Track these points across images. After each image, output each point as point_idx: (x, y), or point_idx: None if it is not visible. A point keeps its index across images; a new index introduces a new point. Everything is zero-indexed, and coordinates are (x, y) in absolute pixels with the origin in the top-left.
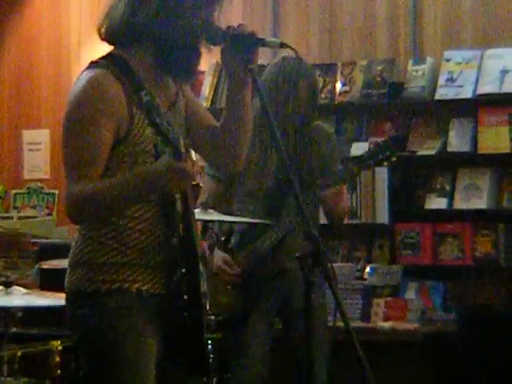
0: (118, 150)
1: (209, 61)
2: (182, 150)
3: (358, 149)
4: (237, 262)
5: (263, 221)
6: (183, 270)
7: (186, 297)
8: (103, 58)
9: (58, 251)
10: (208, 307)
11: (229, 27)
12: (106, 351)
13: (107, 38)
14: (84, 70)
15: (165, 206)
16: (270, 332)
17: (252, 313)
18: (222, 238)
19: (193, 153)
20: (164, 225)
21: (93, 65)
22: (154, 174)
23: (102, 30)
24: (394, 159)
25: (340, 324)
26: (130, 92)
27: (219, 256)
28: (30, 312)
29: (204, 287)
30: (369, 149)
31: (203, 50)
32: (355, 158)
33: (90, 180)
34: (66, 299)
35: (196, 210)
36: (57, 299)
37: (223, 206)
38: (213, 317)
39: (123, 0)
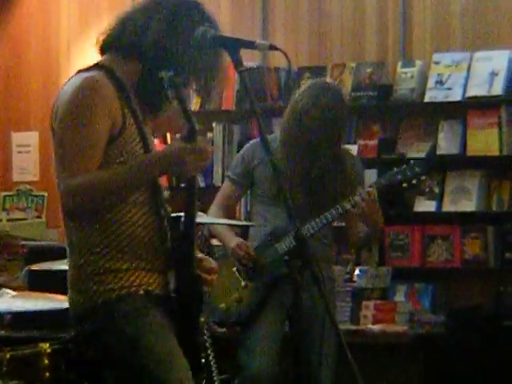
0: (110, 149)
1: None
2: (197, 129)
3: None
4: (257, 263)
5: (250, 223)
6: (179, 270)
7: (178, 297)
8: (92, 66)
9: (48, 253)
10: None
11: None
12: (127, 359)
13: (106, 48)
14: (73, 76)
15: (157, 210)
16: (280, 330)
17: (263, 310)
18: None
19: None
20: (159, 228)
21: (83, 70)
22: (166, 156)
23: (105, 41)
24: (423, 178)
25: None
26: (120, 95)
27: (234, 238)
28: (19, 314)
29: (200, 288)
30: (401, 166)
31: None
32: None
33: (88, 173)
34: (75, 319)
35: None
36: (46, 301)
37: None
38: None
39: (135, 18)
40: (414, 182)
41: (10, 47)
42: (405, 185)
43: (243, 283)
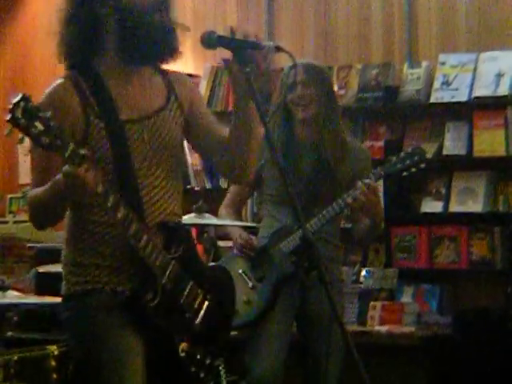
0: None
1: (204, 65)
2: (79, 153)
3: None
4: (262, 259)
5: (255, 224)
6: (158, 281)
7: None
8: (73, 66)
9: (54, 255)
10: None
11: (222, 36)
12: (88, 349)
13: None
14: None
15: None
16: (288, 332)
17: (271, 311)
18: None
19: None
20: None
21: (62, 76)
22: (57, 181)
23: (62, 57)
24: (423, 165)
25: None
26: (90, 100)
27: (239, 231)
28: (26, 316)
29: (186, 299)
30: (398, 154)
31: (197, 54)
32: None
33: (40, 185)
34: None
35: (191, 215)
36: (52, 303)
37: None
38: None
39: (68, 22)
40: (413, 170)
41: (15, 52)
42: (405, 173)
43: (250, 284)
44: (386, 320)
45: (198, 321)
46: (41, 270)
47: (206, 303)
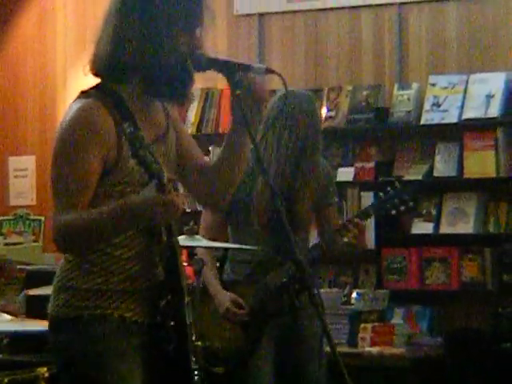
0: (107, 180)
1: (194, 87)
2: (165, 182)
3: (344, 174)
4: (246, 295)
5: (252, 247)
6: (168, 300)
7: (170, 327)
8: (93, 88)
9: (45, 278)
10: (194, 337)
11: (211, 59)
12: (88, 377)
13: (95, 74)
14: (74, 100)
15: (151, 235)
16: (274, 369)
17: (258, 349)
18: (217, 264)
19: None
20: (149, 254)
21: (83, 95)
22: (140, 206)
23: (90, 67)
24: (411, 204)
25: (327, 349)
26: (120, 122)
27: (227, 296)
28: (17, 338)
29: (190, 318)
30: (387, 191)
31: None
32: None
33: (77, 209)
34: (49, 325)
35: (182, 237)
36: (43, 326)
37: (221, 238)
38: (199, 343)
39: (106, 36)
40: (402, 208)
41: (6, 71)
42: (393, 212)
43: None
44: (376, 341)
45: (196, 342)
46: (31, 292)
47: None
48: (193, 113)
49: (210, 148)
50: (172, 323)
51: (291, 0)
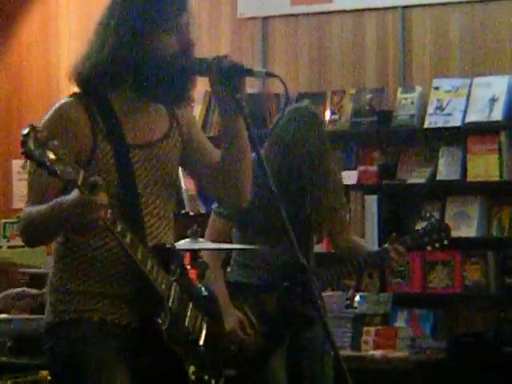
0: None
1: (198, 90)
2: (79, 184)
3: (347, 177)
4: (265, 304)
5: (255, 246)
6: (151, 303)
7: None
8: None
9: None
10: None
11: (215, 58)
12: (70, 382)
13: (83, 85)
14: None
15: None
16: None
17: (272, 356)
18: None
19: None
20: (130, 257)
21: (71, 95)
22: (65, 206)
23: (77, 77)
24: (446, 242)
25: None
26: (99, 123)
27: (234, 316)
28: (20, 341)
29: (189, 322)
30: (425, 227)
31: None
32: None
33: (38, 204)
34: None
35: (186, 240)
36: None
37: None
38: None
39: (95, 46)
40: (436, 245)
41: (10, 75)
42: (428, 247)
43: (254, 321)
44: (380, 345)
45: (201, 342)
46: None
47: (205, 325)
48: (196, 116)
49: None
50: (156, 325)
51: (295, 3)
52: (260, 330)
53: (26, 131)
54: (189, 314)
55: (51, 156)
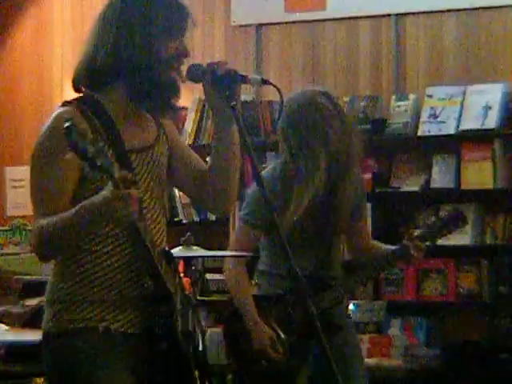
0: (85, 184)
1: (191, 97)
2: (116, 176)
3: None
4: (293, 319)
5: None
6: (157, 309)
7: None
8: (76, 97)
9: (42, 289)
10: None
11: (209, 64)
12: None
13: (78, 86)
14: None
15: (134, 242)
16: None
17: (300, 371)
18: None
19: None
20: (135, 263)
21: (62, 104)
22: (97, 204)
23: (74, 79)
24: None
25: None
26: (99, 129)
27: (265, 333)
28: (13, 349)
29: (187, 326)
30: (440, 217)
31: (184, 86)
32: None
33: (52, 215)
34: (41, 340)
35: (179, 247)
36: (39, 337)
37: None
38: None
39: (91, 47)
40: (452, 227)
41: (3, 82)
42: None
43: (283, 336)
44: (373, 353)
45: (201, 347)
46: (27, 303)
47: (199, 330)
48: (190, 123)
49: (208, 159)
50: (161, 332)
51: (289, 10)
52: (287, 346)
53: (67, 124)
54: (191, 318)
55: (91, 149)
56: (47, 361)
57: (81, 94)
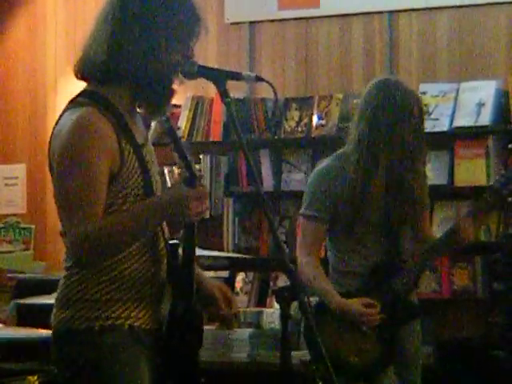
0: (113, 186)
1: (185, 95)
2: (197, 174)
3: None
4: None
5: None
6: (171, 304)
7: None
8: (81, 95)
9: (35, 286)
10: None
11: (202, 66)
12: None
13: (84, 77)
14: (65, 110)
15: (149, 241)
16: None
17: (390, 363)
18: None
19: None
20: (152, 260)
21: (74, 104)
22: (170, 202)
23: (79, 70)
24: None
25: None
26: (117, 127)
27: (356, 302)
28: (7, 347)
29: (199, 322)
30: (499, 178)
31: (177, 84)
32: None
33: (94, 220)
34: (54, 337)
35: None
36: (33, 333)
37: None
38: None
39: (101, 41)
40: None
41: None
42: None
43: (365, 329)
44: None
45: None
46: (21, 301)
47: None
48: (183, 120)
49: (201, 156)
50: (176, 327)
51: (282, 8)
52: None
53: (165, 117)
54: (198, 313)
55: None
56: (68, 357)
57: (84, 91)
